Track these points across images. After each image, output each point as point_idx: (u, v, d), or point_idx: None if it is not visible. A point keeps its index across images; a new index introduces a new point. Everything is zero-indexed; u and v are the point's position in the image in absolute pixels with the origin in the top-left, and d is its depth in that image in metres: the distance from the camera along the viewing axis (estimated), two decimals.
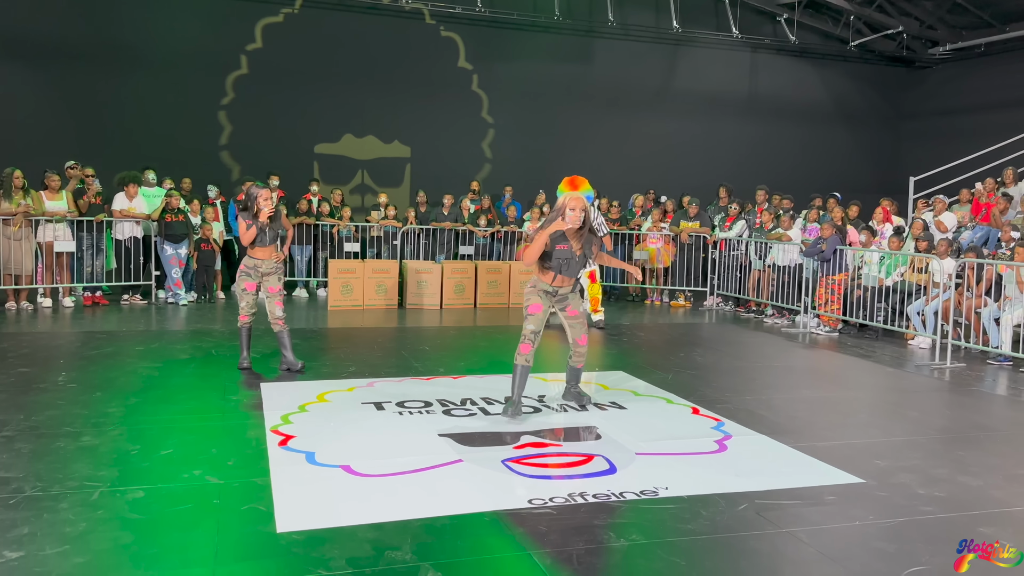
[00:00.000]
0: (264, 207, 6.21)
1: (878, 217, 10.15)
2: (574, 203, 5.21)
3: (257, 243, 6.26)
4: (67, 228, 9.62)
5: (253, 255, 6.30)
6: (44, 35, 11.94)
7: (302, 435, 4.62)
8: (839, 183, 13.37)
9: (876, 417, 5.63)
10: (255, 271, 6.31)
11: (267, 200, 6.24)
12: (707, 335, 9.11)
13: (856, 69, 16.58)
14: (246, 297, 6.37)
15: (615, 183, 13.65)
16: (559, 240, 5.16)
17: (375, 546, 3.17)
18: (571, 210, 5.16)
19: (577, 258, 5.19)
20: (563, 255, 5.15)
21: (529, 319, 5.18)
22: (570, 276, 5.23)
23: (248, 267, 6.30)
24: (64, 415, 4.90)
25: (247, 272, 6.31)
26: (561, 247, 5.16)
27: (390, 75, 13.69)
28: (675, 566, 3.10)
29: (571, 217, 5.13)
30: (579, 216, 5.17)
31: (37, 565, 2.94)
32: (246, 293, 6.35)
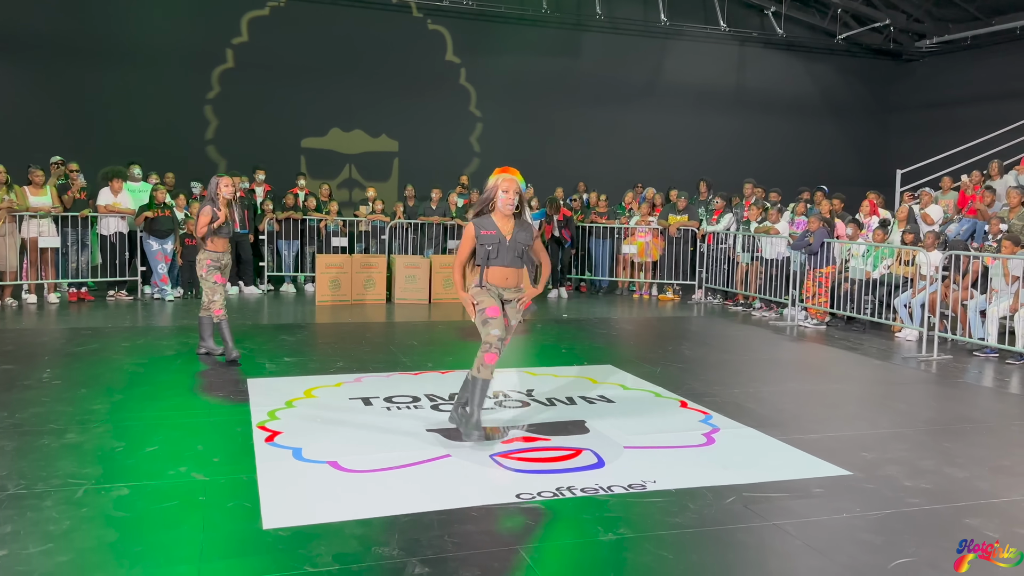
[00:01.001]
0: (225, 192, 6.27)
1: (865, 210, 10.19)
2: (507, 184, 4.53)
3: (221, 234, 6.32)
4: (51, 224, 9.53)
5: (213, 248, 6.33)
6: (28, 29, 11.81)
7: (289, 431, 4.59)
8: (826, 176, 13.43)
9: (863, 409, 5.65)
10: (218, 263, 6.35)
11: (228, 187, 6.31)
12: (695, 329, 9.12)
13: (843, 62, 16.62)
14: (219, 290, 6.38)
15: (603, 177, 13.66)
16: (483, 225, 4.50)
17: (362, 542, 3.15)
18: (504, 192, 4.51)
19: (508, 244, 4.47)
20: (489, 240, 4.46)
21: (490, 323, 4.43)
22: (505, 266, 4.50)
23: (212, 261, 6.33)
24: (49, 412, 4.85)
25: (214, 266, 6.34)
26: (487, 232, 4.47)
27: (377, 69, 13.63)
28: (663, 559, 3.10)
29: (504, 200, 4.48)
30: (513, 199, 4.50)
31: (20, 564, 2.91)
32: (218, 286, 6.37)
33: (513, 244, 4.51)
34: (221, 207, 6.28)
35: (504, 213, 4.53)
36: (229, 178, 6.42)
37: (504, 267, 4.52)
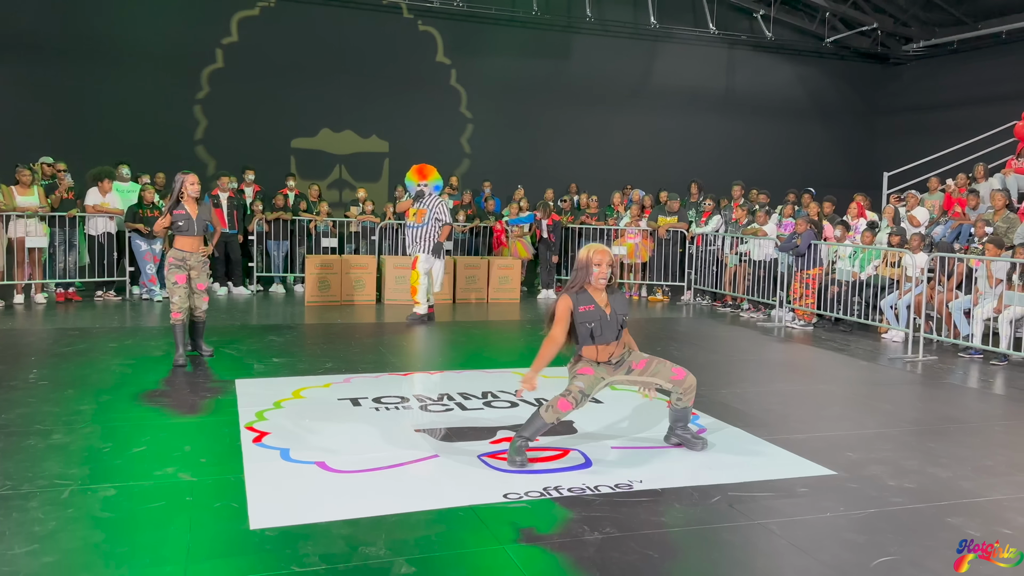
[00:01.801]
0: (191, 190, 6.21)
1: (852, 212, 10.26)
2: (599, 257, 4.16)
3: (183, 232, 6.20)
4: (39, 224, 9.48)
5: (179, 247, 6.23)
6: (17, 29, 11.74)
7: (277, 431, 4.60)
8: (814, 178, 13.52)
9: (849, 410, 5.70)
10: (183, 264, 6.24)
11: (194, 184, 6.25)
12: (684, 329, 9.16)
13: (831, 65, 16.72)
14: (177, 291, 6.23)
15: (593, 178, 13.70)
16: (582, 301, 4.19)
17: (349, 542, 3.16)
18: (596, 265, 4.16)
19: (608, 317, 4.20)
20: (589, 317, 4.18)
21: (579, 378, 4.21)
22: (608, 341, 4.25)
23: (176, 259, 6.22)
24: (35, 413, 4.84)
25: (176, 265, 6.22)
26: (585, 308, 4.18)
27: (368, 69, 13.62)
28: (649, 559, 3.12)
29: (597, 274, 4.17)
30: (606, 272, 4.17)
31: (5, 564, 2.90)
32: (177, 287, 6.23)
33: (614, 317, 4.23)
34: (186, 206, 6.21)
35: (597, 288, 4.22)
36: (195, 175, 6.32)
37: (611, 343, 4.26)
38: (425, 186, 8.85)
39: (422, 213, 8.80)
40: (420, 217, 8.81)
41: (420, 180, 8.89)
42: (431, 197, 8.86)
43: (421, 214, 8.81)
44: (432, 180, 8.91)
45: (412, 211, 8.90)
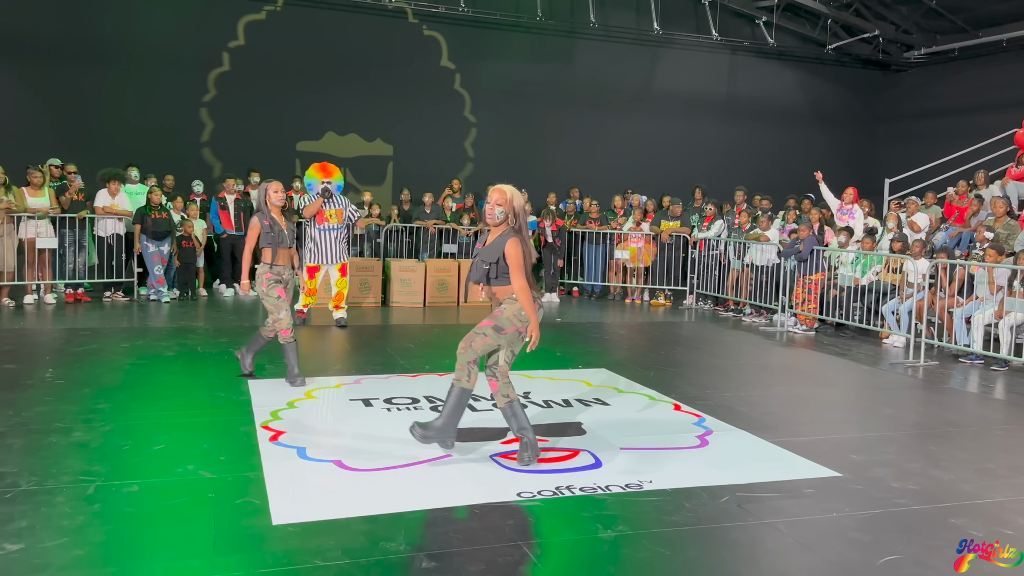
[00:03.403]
0: (275, 199, 5.77)
1: (847, 198, 10.30)
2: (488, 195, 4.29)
3: (274, 244, 5.72)
4: (49, 225, 9.57)
5: (275, 261, 5.73)
6: (27, 32, 11.86)
7: (292, 431, 4.69)
8: (815, 185, 13.60)
9: (851, 413, 5.80)
10: (280, 278, 5.76)
11: (277, 193, 5.80)
12: (687, 334, 9.26)
13: (833, 72, 16.85)
14: (283, 306, 5.70)
15: (595, 182, 13.81)
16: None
17: (369, 537, 3.25)
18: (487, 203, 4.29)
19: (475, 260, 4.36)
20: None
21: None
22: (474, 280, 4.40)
23: (273, 274, 5.74)
24: (53, 411, 4.92)
25: (274, 280, 5.72)
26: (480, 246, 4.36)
27: (373, 73, 13.73)
28: (660, 556, 3.21)
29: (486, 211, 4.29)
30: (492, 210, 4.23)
31: (37, 557, 2.99)
32: (282, 301, 5.70)
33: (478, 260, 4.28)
34: (275, 216, 5.75)
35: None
36: (279, 183, 5.88)
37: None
38: (329, 183, 8.40)
39: (341, 213, 8.48)
40: (340, 217, 8.47)
41: (324, 177, 8.44)
42: (337, 196, 8.52)
43: (339, 213, 8.47)
44: (336, 179, 8.53)
45: (329, 212, 8.41)
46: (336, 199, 8.46)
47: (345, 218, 8.53)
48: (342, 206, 8.49)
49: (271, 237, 5.72)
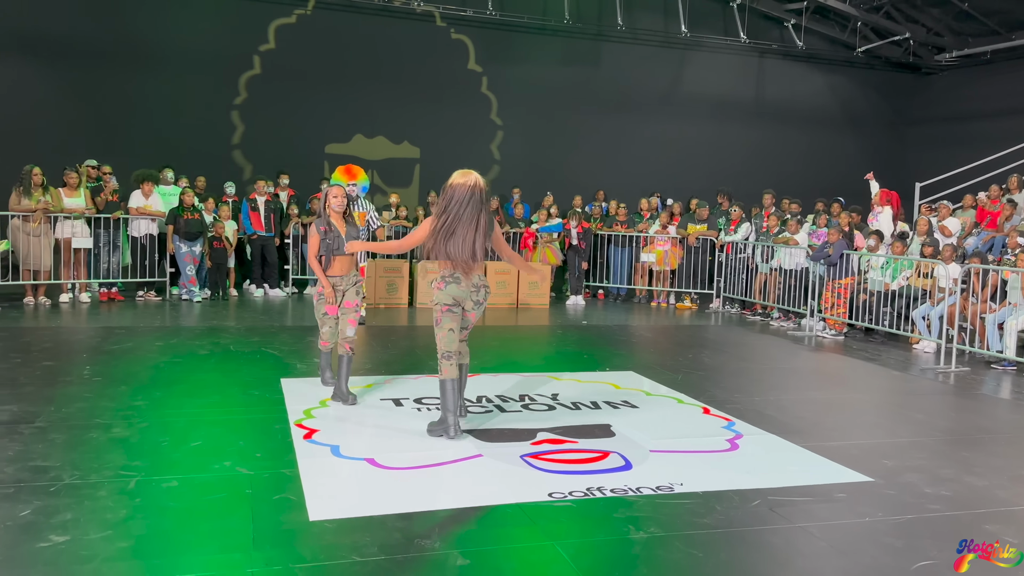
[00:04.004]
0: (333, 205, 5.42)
1: (876, 199, 10.21)
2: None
3: (333, 252, 5.38)
4: (84, 225, 9.76)
5: (331, 272, 5.43)
6: (64, 35, 12.09)
7: (326, 429, 4.75)
8: (844, 188, 13.49)
9: (882, 418, 5.76)
10: (335, 289, 5.45)
11: (336, 198, 5.46)
12: (714, 337, 9.23)
13: (862, 75, 16.71)
14: (328, 322, 5.50)
15: (622, 186, 13.79)
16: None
17: (405, 534, 3.30)
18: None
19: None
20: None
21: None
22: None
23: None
24: (92, 407, 5.03)
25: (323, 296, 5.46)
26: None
27: (400, 76, 13.83)
28: (693, 557, 3.23)
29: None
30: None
31: (83, 549, 3.07)
32: (328, 318, 5.48)
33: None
34: (334, 222, 5.40)
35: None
36: (340, 188, 5.56)
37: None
38: (354, 186, 8.21)
39: (363, 216, 8.33)
40: (363, 221, 8.33)
41: (350, 180, 8.24)
42: (362, 199, 8.40)
43: (363, 217, 8.33)
44: (361, 180, 8.39)
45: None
46: (360, 202, 8.37)
47: (367, 222, 8.42)
48: (365, 210, 8.40)
49: (327, 244, 5.38)
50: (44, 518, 3.31)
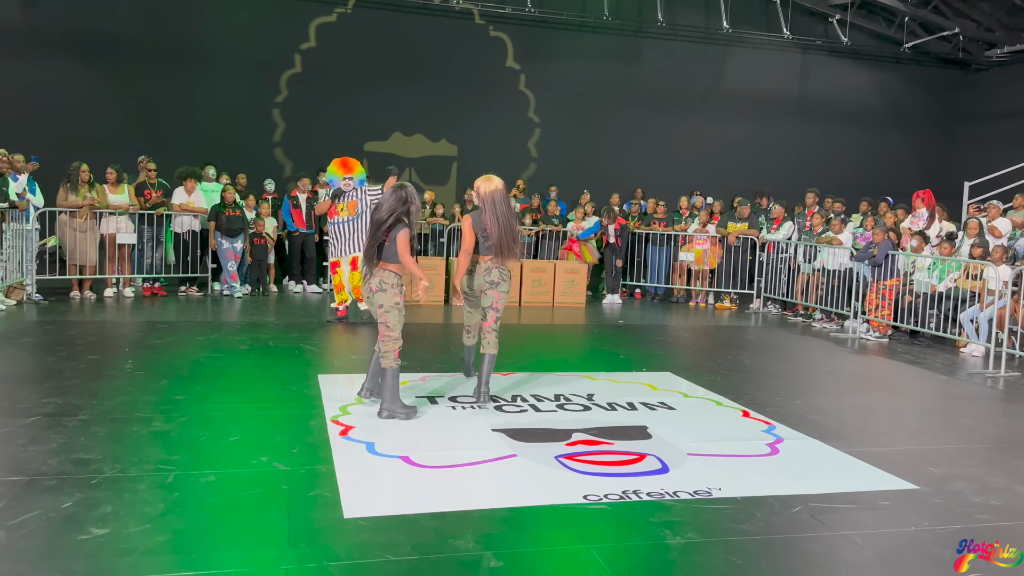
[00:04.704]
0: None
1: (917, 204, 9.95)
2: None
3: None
4: (128, 221, 9.94)
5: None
6: (109, 36, 12.34)
7: (361, 426, 4.76)
8: (890, 187, 13.22)
9: (928, 424, 5.61)
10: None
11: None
12: (754, 338, 9.09)
13: (910, 71, 16.32)
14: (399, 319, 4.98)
15: (661, 184, 13.66)
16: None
17: (438, 534, 3.28)
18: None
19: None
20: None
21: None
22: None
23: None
24: (134, 401, 5.11)
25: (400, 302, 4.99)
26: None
27: (439, 74, 13.86)
28: (732, 565, 3.16)
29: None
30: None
31: (123, 542, 3.10)
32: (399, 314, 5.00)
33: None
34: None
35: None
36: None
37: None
38: (350, 180, 8.20)
39: (354, 204, 8.22)
40: (353, 209, 8.20)
41: (345, 173, 8.24)
42: (356, 191, 8.29)
43: (353, 205, 8.21)
44: (357, 174, 8.33)
45: (340, 206, 8.24)
46: (353, 193, 8.23)
47: (361, 208, 8.18)
48: (356, 198, 8.24)
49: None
50: (85, 510, 3.36)
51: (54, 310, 8.75)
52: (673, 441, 4.76)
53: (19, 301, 8.98)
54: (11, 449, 4.08)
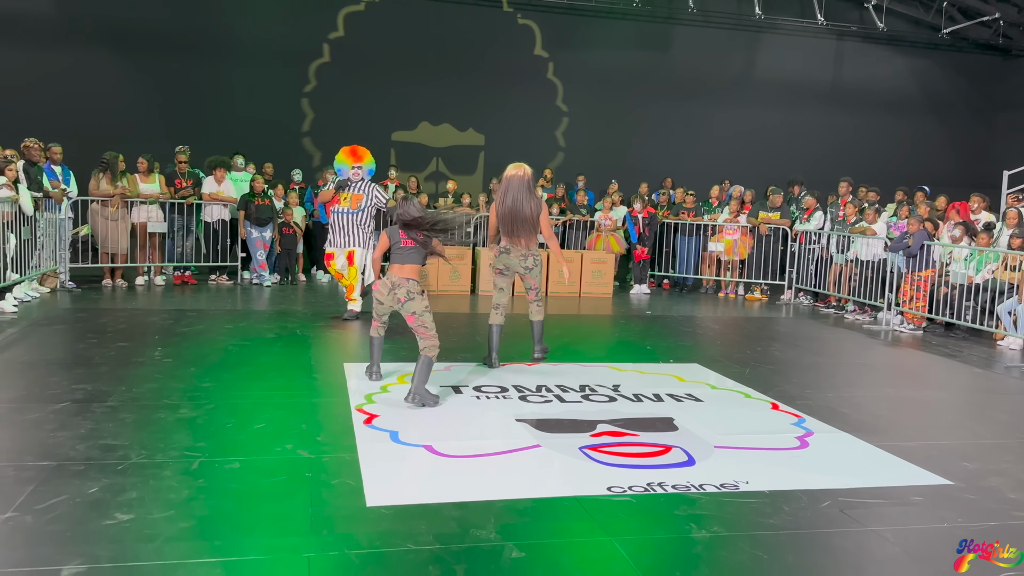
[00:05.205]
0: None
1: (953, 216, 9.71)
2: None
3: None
4: (159, 210, 10.05)
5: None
6: (139, 26, 12.46)
7: (385, 415, 4.76)
8: (927, 176, 12.96)
9: (963, 418, 5.47)
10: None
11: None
12: (784, 330, 8.95)
13: (947, 58, 15.93)
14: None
15: (691, 173, 13.51)
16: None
17: (460, 524, 3.26)
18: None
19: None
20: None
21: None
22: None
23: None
24: (162, 388, 5.16)
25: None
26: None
27: (467, 63, 13.81)
28: (758, 559, 3.10)
29: None
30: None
31: (146, 528, 3.12)
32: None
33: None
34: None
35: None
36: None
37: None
38: (359, 169, 7.84)
39: (358, 198, 7.84)
40: (356, 202, 7.83)
41: (355, 162, 7.88)
42: (364, 182, 7.94)
43: (357, 199, 7.84)
44: (367, 163, 7.94)
45: (344, 196, 7.86)
46: (360, 185, 7.89)
47: (364, 204, 7.86)
48: (362, 191, 7.88)
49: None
50: (111, 496, 3.39)
51: (86, 298, 8.88)
52: (700, 433, 4.69)
53: (53, 289, 9.13)
54: (40, 434, 4.13)
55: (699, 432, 4.71)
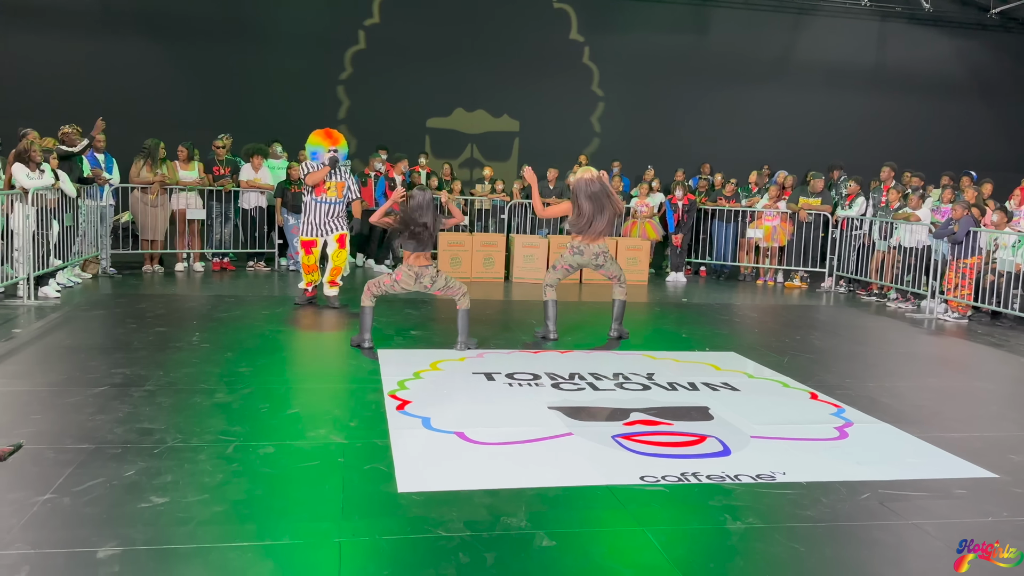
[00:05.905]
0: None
1: (1015, 199, 9.46)
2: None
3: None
4: (198, 197, 10.17)
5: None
6: (178, 14, 12.58)
7: (418, 401, 4.76)
8: (973, 160, 12.55)
9: (1010, 409, 5.31)
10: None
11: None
12: (825, 318, 8.78)
13: (996, 38, 15.42)
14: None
15: (730, 158, 13.29)
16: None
17: (491, 511, 3.25)
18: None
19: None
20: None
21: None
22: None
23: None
24: (199, 373, 5.22)
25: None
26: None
27: (502, 49, 13.72)
28: (795, 552, 3.03)
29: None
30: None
31: (180, 511, 3.16)
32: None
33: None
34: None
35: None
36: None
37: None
38: (336, 152, 7.58)
39: (342, 187, 7.69)
40: (341, 191, 7.70)
41: (331, 145, 7.60)
42: (345, 169, 7.85)
43: (341, 187, 7.69)
44: (342, 146, 7.70)
45: (329, 184, 7.63)
46: (339, 171, 7.71)
47: (345, 194, 7.76)
48: (345, 179, 7.73)
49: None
50: (147, 479, 3.43)
51: (126, 283, 9.03)
52: (736, 423, 4.62)
53: (94, 275, 9.30)
54: (80, 418, 4.21)
55: (735, 422, 4.64)
